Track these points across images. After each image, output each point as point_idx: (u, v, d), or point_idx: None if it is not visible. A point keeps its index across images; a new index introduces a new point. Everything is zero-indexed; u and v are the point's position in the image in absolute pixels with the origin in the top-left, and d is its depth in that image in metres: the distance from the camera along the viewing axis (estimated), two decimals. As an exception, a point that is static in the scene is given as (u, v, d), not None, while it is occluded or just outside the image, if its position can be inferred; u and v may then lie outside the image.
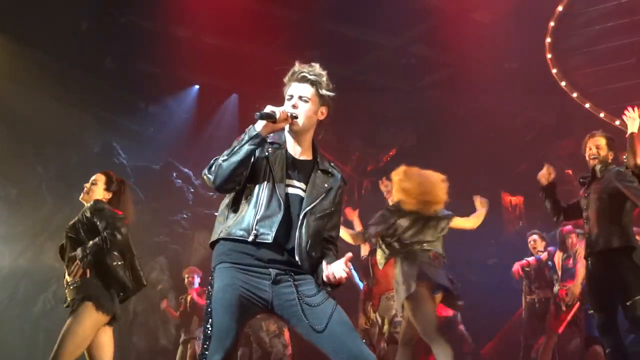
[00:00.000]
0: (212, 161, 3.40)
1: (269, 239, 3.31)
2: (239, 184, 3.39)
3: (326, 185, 3.52)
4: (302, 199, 3.45)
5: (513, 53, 11.51)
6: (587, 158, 5.88)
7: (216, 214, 3.64)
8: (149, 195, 11.38)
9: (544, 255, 8.48)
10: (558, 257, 8.30)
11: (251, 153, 3.33)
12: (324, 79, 3.61)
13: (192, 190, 12.06)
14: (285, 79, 3.60)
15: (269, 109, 3.35)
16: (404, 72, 12.89)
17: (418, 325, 5.91)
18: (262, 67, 11.90)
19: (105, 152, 11.70)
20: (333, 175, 3.59)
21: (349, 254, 3.36)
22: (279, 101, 3.56)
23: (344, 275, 3.32)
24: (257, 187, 3.40)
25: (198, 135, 13.07)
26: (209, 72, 12.53)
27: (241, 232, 3.34)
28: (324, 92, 3.57)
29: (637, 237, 5.65)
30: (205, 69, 12.34)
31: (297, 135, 3.52)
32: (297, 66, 3.62)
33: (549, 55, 10.42)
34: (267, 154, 3.43)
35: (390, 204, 6.88)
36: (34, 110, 10.54)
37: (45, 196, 10.14)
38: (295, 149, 3.54)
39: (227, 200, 3.50)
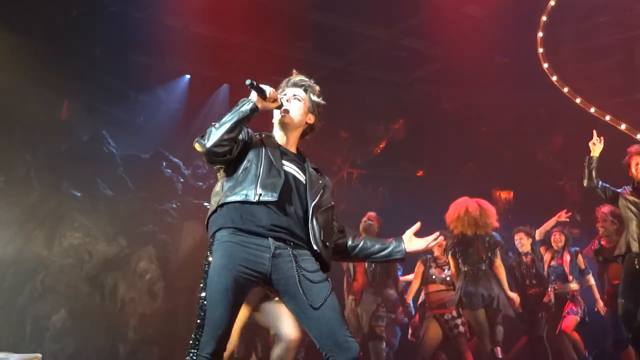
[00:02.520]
0: (207, 130, 3.46)
1: (274, 197, 3.35)
2: (229, 153, 3.40)
3: (320, 182, 3.64)
4: (298, 180, 3.54)
5: (504, 47, 11.54)
6: (634, 172, 7.00)
7: (205, 204, 3.67)
8: (138, 184, 11.35)
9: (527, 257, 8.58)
10: (547, 255, 8.38)
11: (244, 118, 3.42)
12: (317, 88, 3.85)
13: (181, 180, 12.04)
14: (281, 85, 3.81)
15: (261, 84, 3.48)
16: (394, 65, 12.90)
17: None
18: (253, 57, 11.88)
19: (95, 141, 11.65)
20: (323, 176, 3.74)
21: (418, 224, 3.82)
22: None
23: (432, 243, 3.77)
24: (254, 161, 3.46)
25: (188, 124, 13.04)
26: (200, 61, 12.50)
27: (244, 193, 3.37)
28: (315, 98, 3.81)
29: None
30: (196, 59, 12.31)
31: (286, 130, 3.68)
32: (293, 75, 3.88)
33: (540, 50, 10.43)
34: (260, 138, 3.58)
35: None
36: (22, 98, 10.48)
37: (34, 184, 10.09)
38: (283, 143, 3.69)
39: (222, 174, 3.55)
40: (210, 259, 3.31)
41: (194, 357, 3.21)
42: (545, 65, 10.47)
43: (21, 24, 10.18)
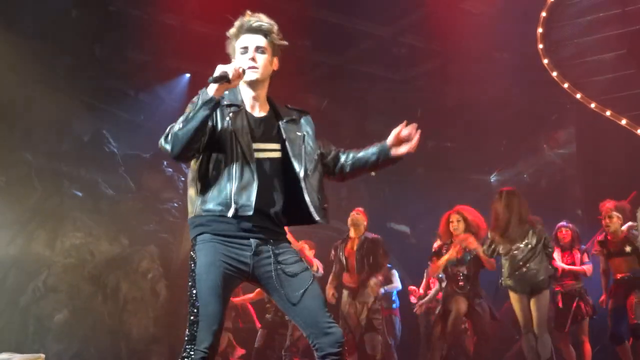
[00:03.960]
0: (167, 129, 3.29)
1: (250, 211, 3.27)
2: (197, 151, 3.31)
3: (299, 133, 3.54)
4: (273, 160, 3.43)
5: (504, 43, 11.53)
6: None
7: None
8: (139, 183, 11.36)
9: None
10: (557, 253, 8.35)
11: (207, 119, 3.21)
12: (276, 28, 3.59)
13: (182, 178, 12.03)
14: (233, 31, 3.53)
15: (220, 69, 3.21)
16: (394, 62, 12.88)
17: None
18: (253, 55, 11.86)
19: (95, 140, 11.65)
20: (299, 122, 3.62)
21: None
22: (268, 89, 3.52)
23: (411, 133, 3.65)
24: (225, 157, 3.32)
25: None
26: (200, 60, 12.47)
27: (220, 208, 3.29)
28: (277, 42, 3.59)
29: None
30: (195, 57, 12.29)
31: (254, 89, 3.49)
32: (247, 16, 3.54)
33: (540, 46, 10.43)
34: (228, 120, 3.33)
35: None
36: (23, 98, 10.48)
37: (35, 184, 10.09)
38: (255, 105, 3.50)
39: (193, 173, 3.39)
40: (195, 258, 3.31)
41: (191, 352, 3.21)
42: (546, 61, 10.47)
43: (21, 24, 10.18)
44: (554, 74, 10.25)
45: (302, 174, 3.42)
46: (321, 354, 3.29)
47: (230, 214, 3.26)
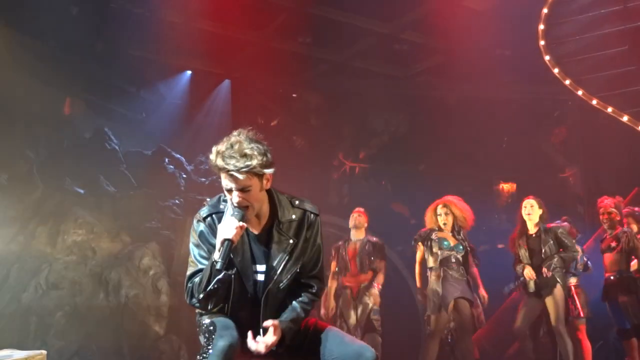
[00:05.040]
0: (188, 286, 3.39)
1: (247, 325, 3.42)
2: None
3: (291, 241, 3.45)
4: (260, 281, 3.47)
5: (505, 40, 11.52)
6: None
7: (208, 199, 3.63)
8: (141, 180, 11.36)
9: None
10: None
11: (223, 283, 3.27)
12: (254, 160, 3.24)
13: (184, 175, 12.04)
14: (213, 162, 3.29)
15: (221, 238, 3.23)
16: (396, 59, 12.89)
17: None
18: (254, 52, 11.89)
19: (97, 137, 11.66)
20: (297, 221, 3.49)
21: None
22: (270, 86, 3.51)
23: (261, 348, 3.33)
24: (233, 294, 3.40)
25: (190, 120, 13.06)
26: (201, 57, 12.51)
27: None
28: (265, 171, 3.31)
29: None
30: (197, 55, 12.31)
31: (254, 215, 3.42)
32: (219, 158, 3.24)
33: (541, 42, 10.41)
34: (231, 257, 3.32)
35: None
36: (24, 96, 10.48)
37: (37, 181, 10.09)
38: (255, 224, 3.46)
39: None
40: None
41: (209, 348, 3.31)
42: (547, 58, 10.45)
43: (22, 21, 10.18)
44: (556, 70, 10.24)
45: (270, 286, 3.43)
46: None
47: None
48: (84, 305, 9.41)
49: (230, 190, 3.29)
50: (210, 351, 3.24)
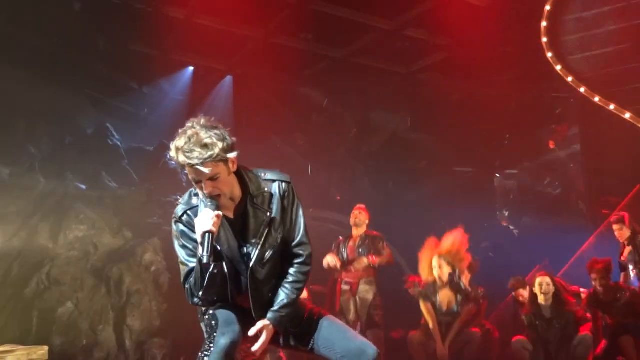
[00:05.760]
0: (187, 289, 3.39)
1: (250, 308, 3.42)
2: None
3: (267, 214, 3.40)
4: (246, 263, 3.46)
5: (508, 37, 11.50)
6: None
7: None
8: (143, 176, 11.37)
9: None
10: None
11: (216, 276, 3.27)
12: (216, 148, 3.20)
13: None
14: (174, 158, 3.32)
15: (201, 231, 3.20)
16: (398, 55, 12.87)
17: None
18: (257, 48, 11.88)
19: (99, 133, 11.67)
20: (270, 193, 3.44)
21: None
22: (272, 82, 3.51)
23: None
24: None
25: (192, 116, 12.98)
26: (204, 53, 12.49)
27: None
28: (229, 155, 3.26)
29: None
30: (199, 51, 12.30)
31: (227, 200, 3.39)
32: (181, 154, 3.26)
33: (544, 39, 10.41)
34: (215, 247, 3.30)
35: None
36: (26, 91, 10.49)
37: (39, 177, 10.11)
38: (231, 208, 3.41)
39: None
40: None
41: (211, 345, 3.33)
42: (549, 55, 10.44)
43: (24, 17, 10.18)
44: (558, 67, 10.24)
45: (252, 262, 3.39)
46: None
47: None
48: (85, 301, 9.42)
49: (199, 182, 3.26)
50: (212, 349, 3.25)
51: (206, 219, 3.18)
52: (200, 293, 3.25)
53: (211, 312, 3.43)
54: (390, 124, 14.95)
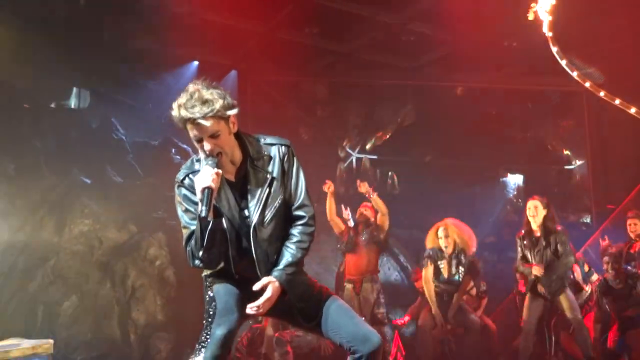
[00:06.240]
0: (187, 249, 3.37)
1: (253, 275, 3.38)
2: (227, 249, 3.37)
3: (267, 176, 3.41)
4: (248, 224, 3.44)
5: (513, 31, 11.46)
6: None
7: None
8: (148, 171, 11.38)
9: None
10: None
11: (219, 236, 3.27)
12: (217, 104, 3.27)
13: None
14: (175, 115, 3.35)
15: (200, 187, 3.20)
16: (403, 50, 12.84)
17: None
18: (261, 43, 11.87)
19: (104, 128, 11.68)
20: (269, 156, 3.46)
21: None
22: (277, 77, 3.50)
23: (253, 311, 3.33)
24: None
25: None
26: (208, 48, 12.48)
27: (224, 273, 3.44)
28: (229, 112, 3.31)
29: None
30: (204, 45, 12.29)
31: (227, 159, 3.39)
32: (182, 110, 3.30)
33: (549, 34, 10.36)
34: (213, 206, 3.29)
35: None
36: (32, 86, 10.51)
37: (44, 171, 10.13)
38: (231, 171, 3.43)
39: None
40: (210, 287, 3.52)
41: (208, 337, 3.34)
42: (555, 49, 10.40)
43: (29, 12, 10.18)
44: (563, 62, 10.19)
45: (254, 222, 3.38)
46: (356, 356, 3.36)
47: (236, 277, 3.45)
48: (90, 295, 9.46)
49: (200, 141, 3.29)
50: (209, 340, 3.28)
51: (206, 176, 3.20)
52: (201, 253, 3.23)
53: (211, 294, 3.45)
54: (394, 119, 14.94)
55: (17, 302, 9.11)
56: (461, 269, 8.07)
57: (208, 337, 3.31)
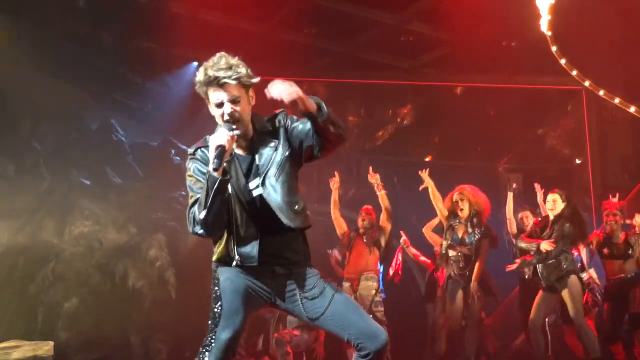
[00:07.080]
0: (190, 216, 3.33)
1: (255, 262, 3.35)
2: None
3: (272, 144, 3.44)
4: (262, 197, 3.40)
5: (512, 31, 11.47)
6: None
7: None
8: (147, 172, 11.37)
9: None
10: None
11: (225, 198, 3.24)
12: (242, 69, 3.42)
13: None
14: (200, 79, 3.40)
15: (214, 145, 3.19)
16: (402, 50, 12.85)
17: None
18: (260, 43, 11.85)
19: (103, 129, 11.66)
20: (273, 125, 3.52)
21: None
22: (276, 78, 3.49)
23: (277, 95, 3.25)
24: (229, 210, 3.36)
25: (196, 112, 12.99)
26: (208, 49, 12.44)
27: (228, 260, 3.39)
28: (250, 81, 3.43)
29: None
30: (203, 46, 12.26)
31: (241, 132, 3.40)
32: (210, 70, 3.36)
33: (548, 33, 10.37)
34: (226, 176, 3.27)
35: None
36: (31, 87, 10.50)
37: (44, 173, 10.12)
38: (241, 144, 3.46)
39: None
40: (218, 279, 3.46)
41: (213, 341, 3.34)
42: (554, 49, 10.41)
43: (28, 13, 10.19)
44: (563, 61, 10.20)
45: (262, 177, 3.38)
46: (363, 353, 3.35)
47: (237, 264, 3.37)
48: (91, 297, 9.45)
49: (221, 105, 3.36)
50: (214, 344, 3.28)
51: (221, 135, 3.23)
52: (203, 214, 3.20)
53: (218, 292, 3.42)
54: (394, 119, 14.94)
55: (18, 304, 9.11)
56: (477, 230, 8.03)
57: (213, 341, 3.31)
